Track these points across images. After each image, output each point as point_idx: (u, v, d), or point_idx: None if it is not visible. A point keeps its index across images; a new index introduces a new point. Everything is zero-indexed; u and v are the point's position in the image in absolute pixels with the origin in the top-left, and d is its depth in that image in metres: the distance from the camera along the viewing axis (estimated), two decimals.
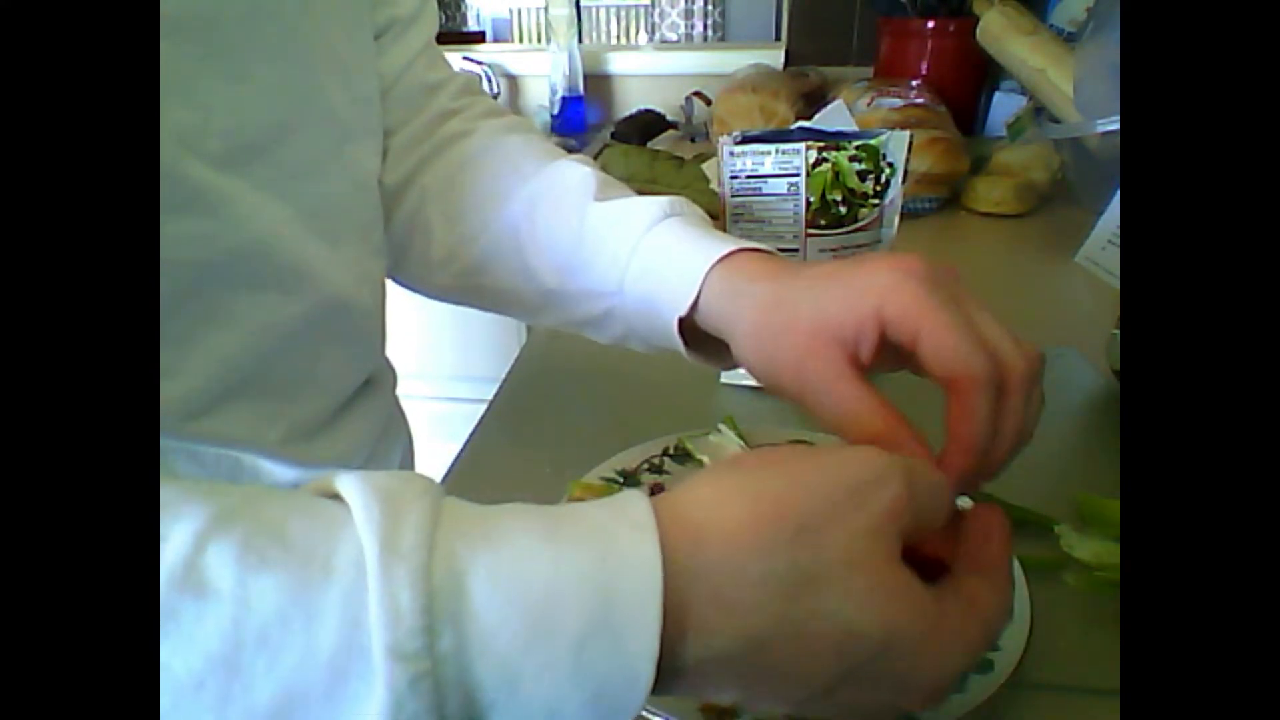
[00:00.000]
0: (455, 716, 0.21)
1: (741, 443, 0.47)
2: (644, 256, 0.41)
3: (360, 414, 0.48)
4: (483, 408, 0.59)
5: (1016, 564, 0.39)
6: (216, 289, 0.36)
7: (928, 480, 0.26)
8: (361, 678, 0.20)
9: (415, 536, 0.21)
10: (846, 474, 0.25)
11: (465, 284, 0.50)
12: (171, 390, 0.35)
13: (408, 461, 0.59)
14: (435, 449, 0.61)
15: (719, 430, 0.49)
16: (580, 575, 0.22)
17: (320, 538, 0.22)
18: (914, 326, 0.30)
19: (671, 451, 0.49)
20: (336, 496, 0.23)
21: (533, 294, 0.47)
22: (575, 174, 0.47)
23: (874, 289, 0.31)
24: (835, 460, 0.25)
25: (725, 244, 0.38)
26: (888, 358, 0.32)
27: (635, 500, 0.24)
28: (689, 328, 0.39)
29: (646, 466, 0.47)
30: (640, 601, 0.22)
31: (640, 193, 0.46)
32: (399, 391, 0.57)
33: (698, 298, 0.38)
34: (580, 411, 0.59)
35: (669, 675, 0.23)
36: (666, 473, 0.47)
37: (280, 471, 0.41)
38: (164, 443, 0.36)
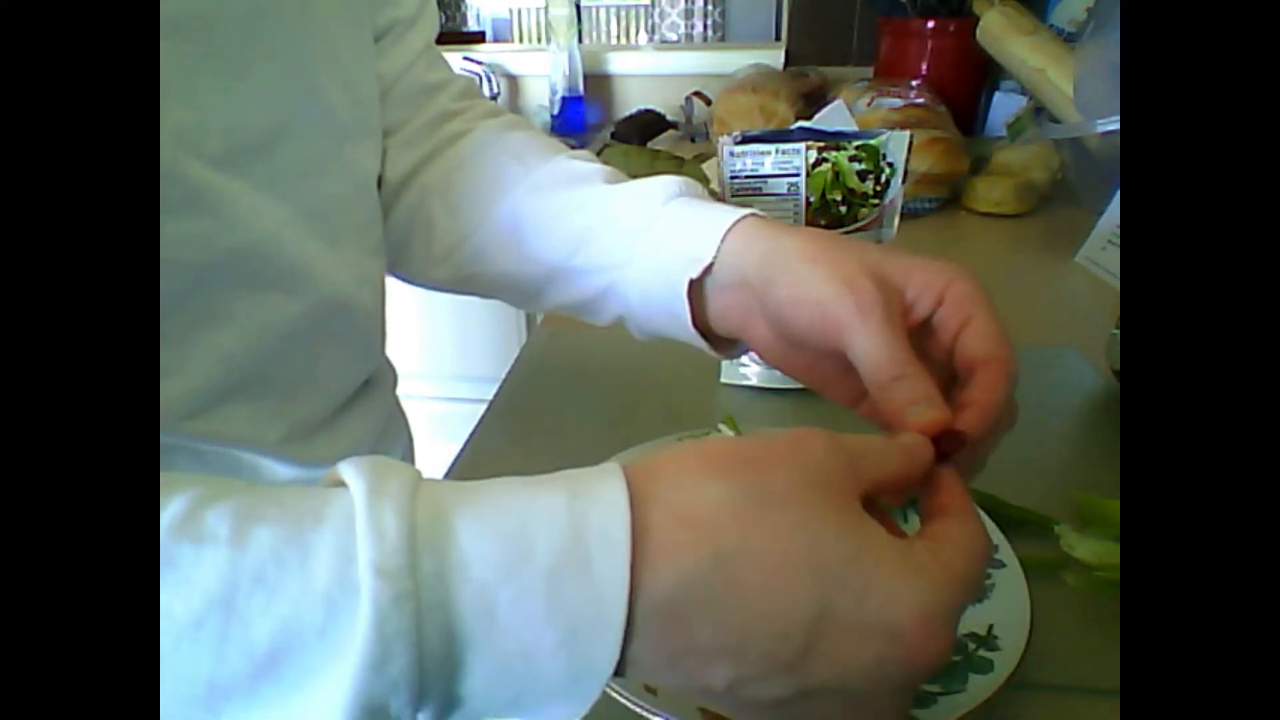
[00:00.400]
0: (434, 648, 0.21)
1: None
2: (662, 226, 0.40)
3: (360, 414, 0.48)
4: (483, 408, 0.59)
5: (1017, 564, 0.39)
6: (216, 289, 0.36)
7: (864, 444, 0.27)
8: (350, 608, 0.21)
9: (400, 484, 0.23)
10: (783, 437, 0.26)
11: (463, 274, 0.50)
12: (172, 389, 0.35)
13: (408, 461, 0.59)
14: (435, 449, 0.61)
15: (719, 430, 0.49)
16: (551, 510, 0.23)
17: (313, 500, 0.23)
18: (970, 310, 0.32)
19: None
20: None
21: (530, 278, 0.47)
22: (582, 164, 0.47)
23: (947, 269, 0.33)
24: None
25: (737, 211, 0.38)
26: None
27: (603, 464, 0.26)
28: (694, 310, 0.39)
29: None
30: (608, 528, 0.23)
31: None
32: (399, 391, 0.57)
33: (713, 261, 0.37)
34: (580, 411, 0.59)
35: (644, 619, 0.22)
36: None
37: (280, 470, 0.41)
38: (165, 441, 0.36)
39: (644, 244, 0.41)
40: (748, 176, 0.51)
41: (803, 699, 0.24)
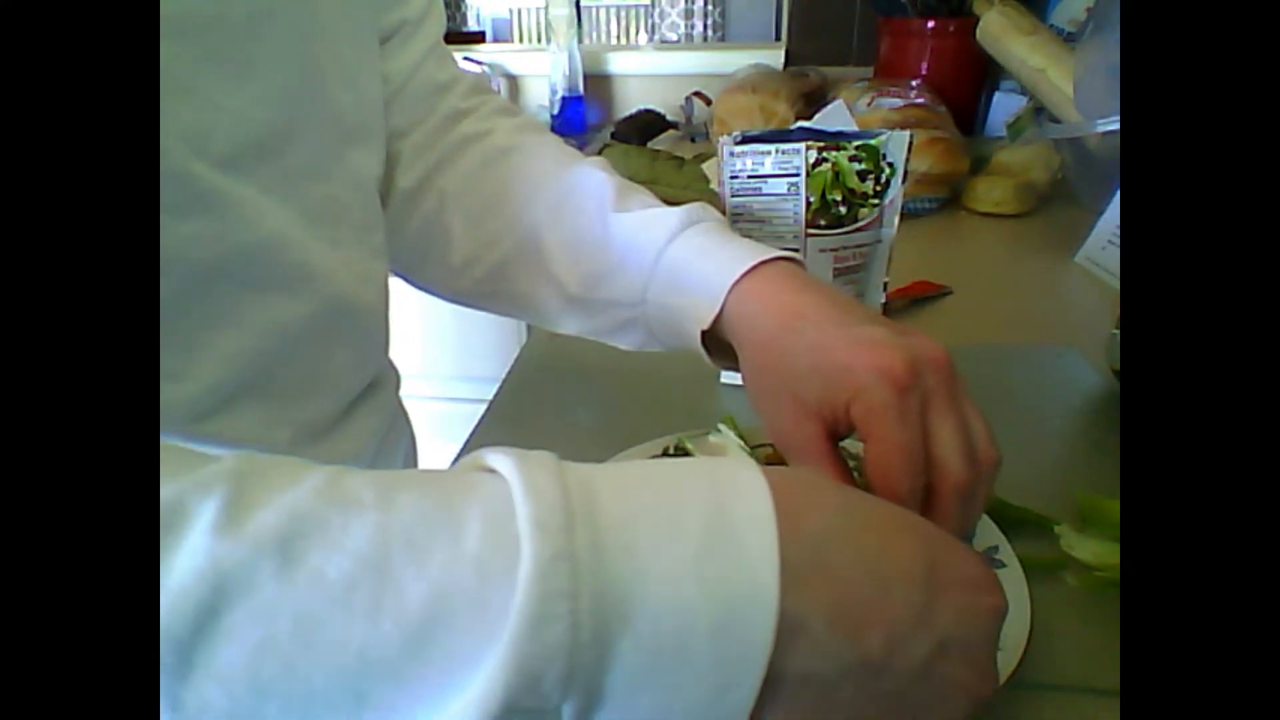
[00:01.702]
0: (588, 616, 0.20)
1: (741, 443, 0.47)
2: (666, 269, 0.42)
3: (366, 415, 0.48)
4: (483, 408, 0.59)
5: (1017, 564, 0.39)
6: (224, 290, 0.36)
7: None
8: (506, 573, 0.21)
9: (545, 456, 0.24)
10: None
11: (487, 289, 0.50)
12: (181, 392, 0.35)
13: (411, 462, 0.59)
14: (436, 449, 0.61)
15: (719, 430, 0.49)
16: (695, 486, 0.24)
17: (454, 478, 0.24)
18: (866, 433, 0.32)
19: (671, 451, 0.48)
20: None
21: (556, 299, 0.47)
22: (595, 181, 0.47)
23: (848, 388, 0.33)
24: None
25: (743, 258, 0.39)
26: None
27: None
28: (711, 334, 0.40)
29: None
30: (753, 505, 0.23)
31: None
32: (400, 392, 0.57)
33: (720, 312, 0.39)
34: (580, 411, 0.59)
35: (801, 568, 0.23)
36: None
37: None
38: (174, 444, 0.36)
39: (653, 289, 0.42)
40: (748, 176, 0.51)
41: (941, 657, 0.24)
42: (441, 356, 1.34)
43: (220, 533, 0.20)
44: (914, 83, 1.14)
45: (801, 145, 0.49)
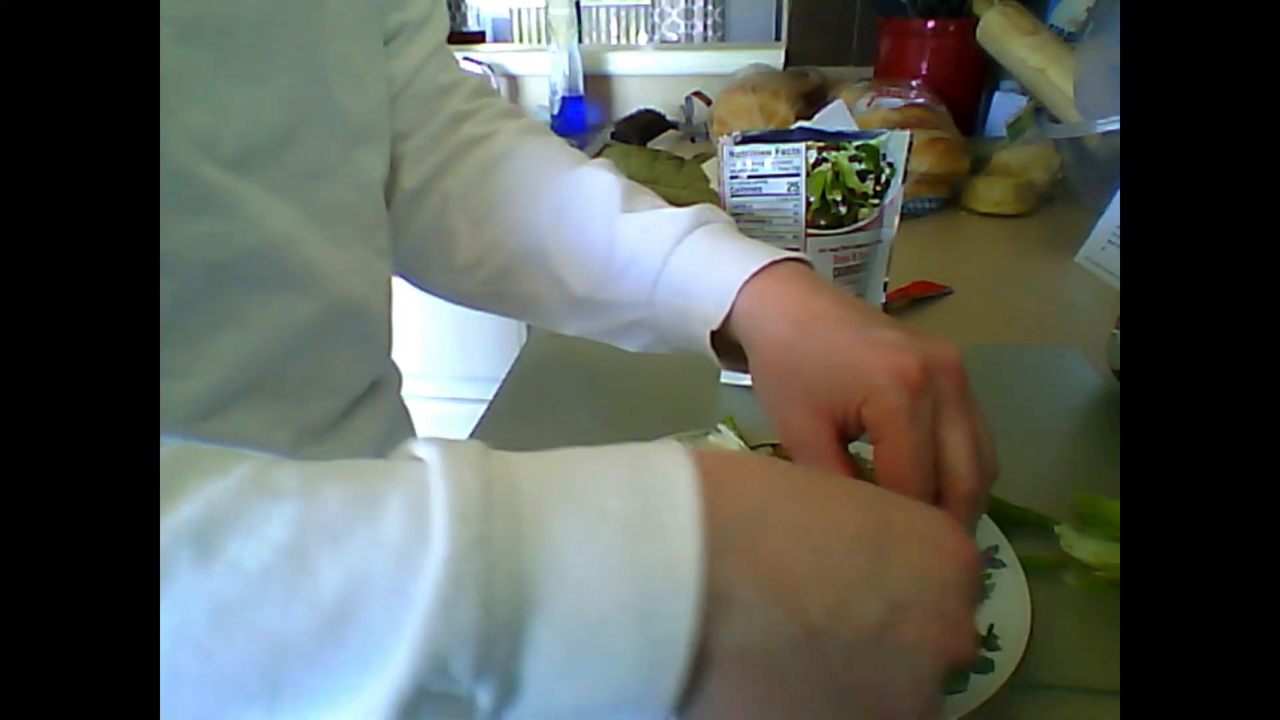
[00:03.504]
0: (502, 600, 0.20)
1: (741, 443, 0.47)
2: (674, 270, 0.42)
3: (368, 415, 0.48)
4: (483, 407, 0.59)
5: (1017, 564, 0.39)
6: (231, 290, 0.36)
7: None
8: (422, 559, 0.21)
9: (471, 446, 0.23)
10: None
11: (491, 290, 0.50)
12: (185, 390, 0.35)
13: None
14: None
15: (719, 430, 0.49)
16: (620, 474, 0.24)
17: (382, 467, 0.24)
18: (879, 435, 0.32)
19: None
20: None
21: (561, 302, 0.47)
22: (601, 182, 0.47)
23: (862, 388, 0.32)
24: None
25: (753, 258, 0.39)
26: None
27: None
28: (718, 334, 0.40)
29: None
30: (675, 486, 0.23)
31: None
32: (402, 392, 0.57)
33: (729, 312, 0.39)
34: (580, 411, 0.59)
35: (724, 549, 0.22)
36: None
37: None
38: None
39: (661, 289, 0.42)
40: (748, 176, 0.51)
41: (898, 619, 0.24)
42: (442, 356, 1.34)
43: None
44: (914, 83, 1.14)
45: (801, 145, 0.49)
